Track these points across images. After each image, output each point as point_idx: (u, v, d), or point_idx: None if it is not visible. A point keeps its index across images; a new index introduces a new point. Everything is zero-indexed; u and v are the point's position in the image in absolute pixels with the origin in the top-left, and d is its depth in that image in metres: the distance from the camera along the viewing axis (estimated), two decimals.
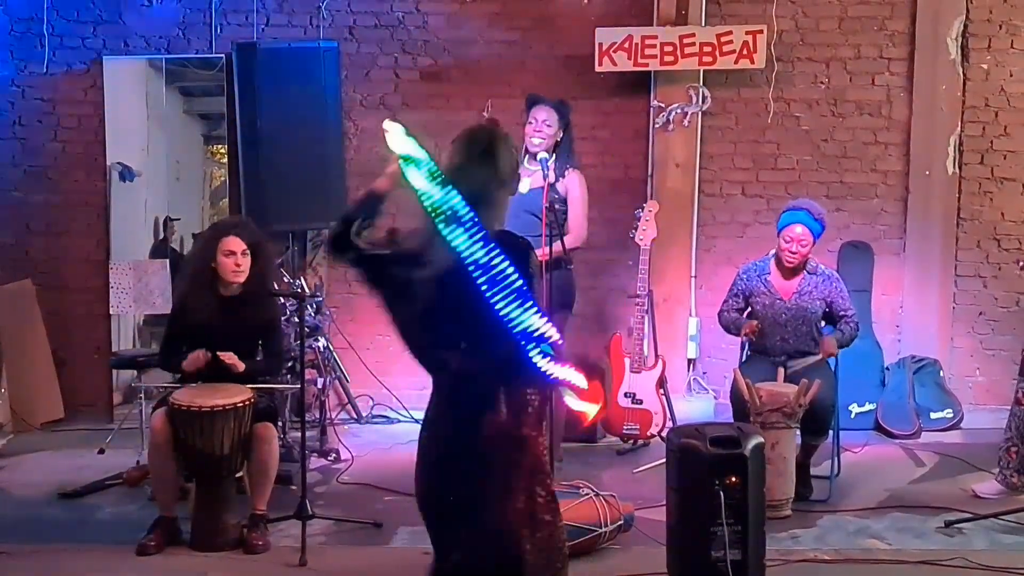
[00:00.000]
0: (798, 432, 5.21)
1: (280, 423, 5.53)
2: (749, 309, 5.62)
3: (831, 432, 5.46)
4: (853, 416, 6.64)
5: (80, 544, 4.87)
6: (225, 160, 7.11)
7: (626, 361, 6.17)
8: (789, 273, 5.55)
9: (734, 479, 3.99)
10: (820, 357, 5.42)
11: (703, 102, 6.84)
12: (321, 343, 6.42)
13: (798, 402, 5.07)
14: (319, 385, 6.20)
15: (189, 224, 7.09)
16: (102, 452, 6.22)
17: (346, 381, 6.97)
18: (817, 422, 5.27)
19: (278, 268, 6.10)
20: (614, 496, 4.74)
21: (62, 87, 7.16)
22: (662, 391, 6.17)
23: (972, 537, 4.84)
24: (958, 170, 6.85)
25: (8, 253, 7.19)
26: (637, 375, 6.16)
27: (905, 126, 6.89)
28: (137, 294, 6.83)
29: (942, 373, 6.79)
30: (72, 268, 7.20)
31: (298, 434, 4.90)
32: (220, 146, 7.17)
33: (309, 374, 5.91)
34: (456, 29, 7.06)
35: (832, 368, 5.51)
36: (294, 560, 4.56)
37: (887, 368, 6.85)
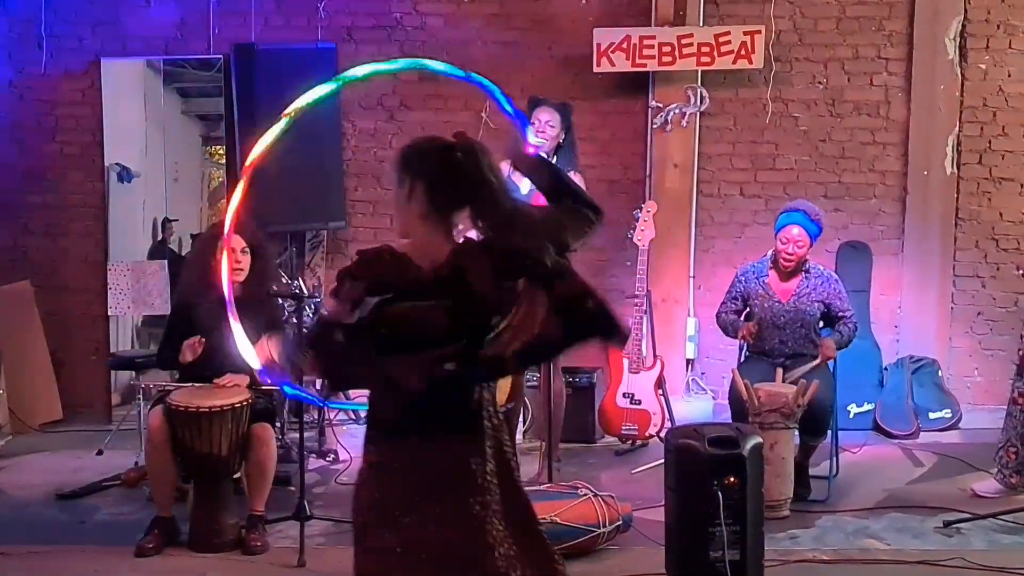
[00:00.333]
0: (796, 432, 5.21)
1: (278, 424, 5.53)
2: (747, 310, 5.63)
3: (829, 432, 5.45)
4: (852, 416, 6.64)
5: (78, 545, 4.87)
6: (223, 161, 7.10)
7: (624, 361, 6.16)
8: (787, 275, 5.54)
9: (732, 479, 4.00)
10: (819, 361, 5.41)
11: (701, 102, 6.84)
12: None
13: (796, 402, 5.07)
14: (317, 386, 6.18)
15: (187, 225, 7.09)
16: (100, 453, 6.22)
17: None
18: (815, 422, 5.27)
19: (277, 268, 6.09)
20: (613, 496, 4.74)
21: (60, 88, 7.16)
22: (660, 391, 6.17)
23: (970, 537, 4.83)
24: (956, 170, 6.85)
25: (6, 254, 7.19)
26: (635, 375, 6.16)
27: (903, 126, 6.89)
28: (135, 295, 6.84)
29: (940, 373, 6.79)
30: (70, 269, 7.19)
31: (296, 435, 4.91)
32: (218, 147, 7.17)
33: None
34: (454, 30, 7.06)
35: (831, 368, 5.50)
36: (292, 561, 4.56)
37: (885, 368, 6.84)
